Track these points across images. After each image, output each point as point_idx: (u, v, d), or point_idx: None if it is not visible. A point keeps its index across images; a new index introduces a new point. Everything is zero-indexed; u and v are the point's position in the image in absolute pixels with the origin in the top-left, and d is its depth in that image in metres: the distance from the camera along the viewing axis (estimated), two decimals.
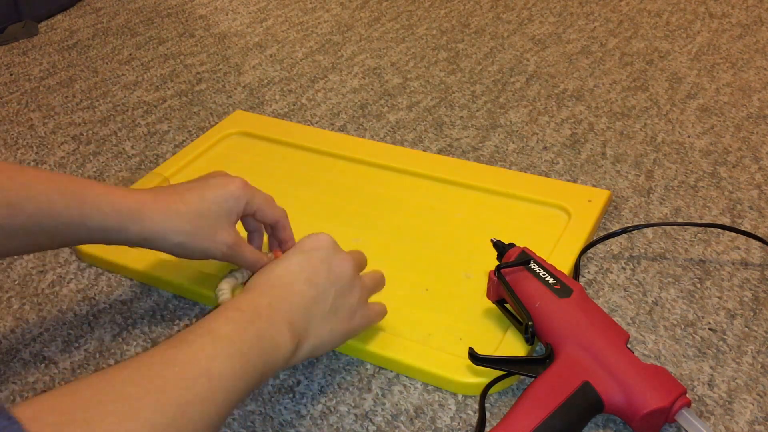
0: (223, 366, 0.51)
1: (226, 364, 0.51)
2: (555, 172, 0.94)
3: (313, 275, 0.62)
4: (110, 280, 0.80)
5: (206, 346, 0.52)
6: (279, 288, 0.60)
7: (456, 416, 0.64)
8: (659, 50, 1.21)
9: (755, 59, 1.17)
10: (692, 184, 0.90)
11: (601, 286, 0.77)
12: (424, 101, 1.11)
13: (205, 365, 0.50)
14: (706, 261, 0.79)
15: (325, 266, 0.63)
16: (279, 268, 0.62)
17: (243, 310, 0.56)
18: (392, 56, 1.24)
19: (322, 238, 0.65)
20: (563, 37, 1.28)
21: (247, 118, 1.05)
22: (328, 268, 0.63)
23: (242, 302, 0.58)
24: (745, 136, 0.99)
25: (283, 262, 0.63)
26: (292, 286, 0.61)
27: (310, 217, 0.86)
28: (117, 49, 1.30)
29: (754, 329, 0.71)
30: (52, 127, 1.08)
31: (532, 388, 0.60)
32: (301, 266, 0.62)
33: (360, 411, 0.65)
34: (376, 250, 0.80)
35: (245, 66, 1.23)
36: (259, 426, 0.64)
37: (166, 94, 1.15)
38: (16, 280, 0.81)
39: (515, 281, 0.68)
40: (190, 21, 1.40)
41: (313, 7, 1.43)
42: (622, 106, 1.07)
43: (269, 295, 0.59)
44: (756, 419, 0.63)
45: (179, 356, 0.50)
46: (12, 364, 0.71)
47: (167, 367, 0.49)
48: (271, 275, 0.62)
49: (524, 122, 1.04)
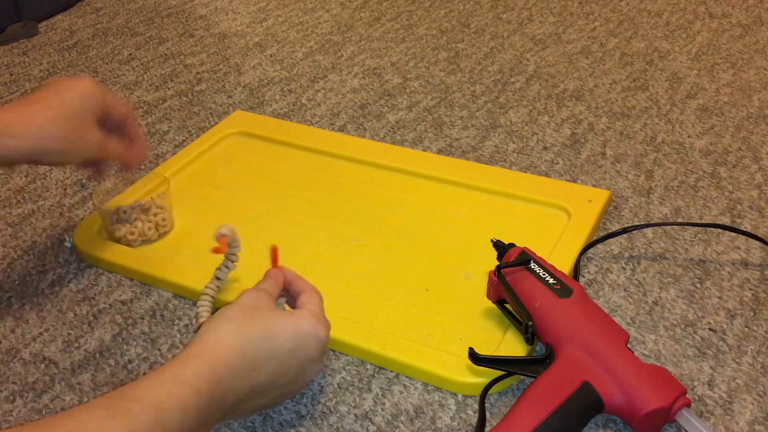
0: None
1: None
2: (555, 172, 0.94)
3: (281, 375, 0.58)
4: (110, 280, 0.80)
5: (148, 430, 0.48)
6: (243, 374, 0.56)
7: (456, 416, 0.64)
8: (659, 50, 1.21)
9: (755, 59, 1.17)
10: (692, 184, 0.90)
11: (601, 286, 0.77)
12: (424, 101, 1.11)
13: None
14: (706, 261, 0.79)
15: (299, 370, 0.60)
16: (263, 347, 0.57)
17: (200, 396, 0.52)
18: (392, 56, 1.24)
19: (320, 336, 0.60)
20: (563, 37, 1.28)
21: (247, 118, 1.05)
22: (298, 373, 0.60)
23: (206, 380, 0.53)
24: (745, 136, 0.99)
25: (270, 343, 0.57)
26: (256, 378, 0.57)
27: (310, 217, 0.86)
28: (117, 49, 1.30)
29: (754, 329, 0.71)
30: None
31: (532, 388, 0.60)
32: (280, 360, 0.58)
33: (360, 411, 0.65)
34: (376, 250, 0.81)
35: (245, 66, 1.23)
36: (259, 426, 0.64)
37: (166, 94, 1.15)
38: (16, 280, 0.81)
39: (515, 281, 0.68)
40: (190, 21, 1.40)
41: (313, 7, 1.43)
42: (622, 106, 1.07)
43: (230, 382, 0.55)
44: (756, 419, 0.63)
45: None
46: (12, 364, 0.71)
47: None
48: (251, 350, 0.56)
49: (524, 122, 1.04)
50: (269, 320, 0.58)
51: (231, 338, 0.56)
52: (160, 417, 0.49)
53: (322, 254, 0.80)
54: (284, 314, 0.60)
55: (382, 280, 0.77)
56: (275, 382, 0.58)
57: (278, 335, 0.58)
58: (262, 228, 0.85)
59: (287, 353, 0.58)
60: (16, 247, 0.85)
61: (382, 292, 0.75)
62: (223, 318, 0.58)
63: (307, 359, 0.60)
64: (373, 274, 0.78)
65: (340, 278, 0.77)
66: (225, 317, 0.58)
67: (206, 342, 0.56)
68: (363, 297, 0.75)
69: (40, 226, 0.88)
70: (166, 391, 0.51)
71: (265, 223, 0.85)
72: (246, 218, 0.86)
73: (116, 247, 0.82)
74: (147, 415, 0.48)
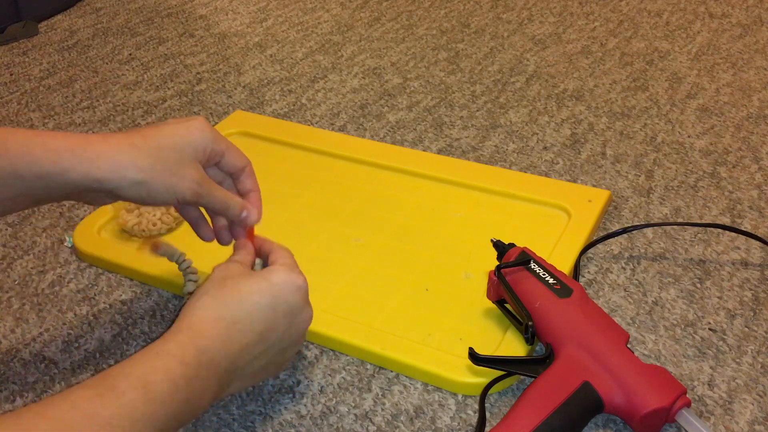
0: (146, 430, 0.48)
1: (149, 428, 0.48)
2: (555, 172, 0.94)
3: (270, 331, 0.58)
4: (110, 280, 0.80)
5: (137, 405, 0.48)
6: (229, 338, 0.56)
7: (456, 416, 0.64)
8: (659, 50, 1.21)
9: (755, 59, 1.17)
10: (692, 184, 0.90)
11: (601, 286, 0.77)
12: (424, 101, 1.11)
13: (130, 430, 0.47)
14: (706, 261, 0.79)
15: (287, 322, 0.59)
16: (241, 308, 0.57)
17: (187, 365, 0.52)
18: (392, 56, 1.24)
19: (298, 284, 0.60)
20: (563, 37, 1.28)
21: (247, 118, 1.05)
22: (288, 325, 0.59)
23: (190, 351, 0.52)
24: (745, 136, 0.99)
25: (248, 303, 0.57)
26: (243, 338, 0.56)
27: (310, 217, 0.86)
28: (117, 49, 1.30)
29: (754, 329, 0.71)
30: (52, 127, 1.08)
31: (532, 388, 0.60)
32: (262, 316, 0.57)
33: (360, 411, 0.65)
34: (376, 250, 0.81)
35: (245, 66, 1.23)
36: (259, 426, 0.64)
37: (166, 94, 1.15)
38: (16, 280, 0.81)
39: (515, 281, 0.68)
40: (190, 21, 1.40)
41: (313, 7, 1.43)
42: (622, 106, 1.07)
43: (216, 348, 0.54)
44: (756, 419, 0.63)
45: (105, 412, 0.46)
46: (12, 364, 0.71)
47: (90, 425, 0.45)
48: (229, 315, 0.56)
49: (524, 122, 1.04)
50: (241, 283, 0.58)
51: (207, 310, 0.56)
52: (148, 390, 0.49)
53: (322, 254, 0.80)
54: (255, 274, 0.60)
55: (382, 280, 0.77)
56: (267, 338, 0.58)
57: (253, 294, 0.58)
58: (262, 228, 0.84)
59: (268, 308, 0.58)
60: (16, 247, 0.85)
61: (382, 292, 0.75)
62: (197, 295, 0.58)
63: (291, 309, 0.59)
64: (373, 274, 0.78)
65: (340, 278, 0.77)
66: (198, 294, 0.58)
67: (183, 319, 0.56)
68: (363, 297, 0.75)
69: (40, 226, 0.88)
70: (150, 366, 0.50)
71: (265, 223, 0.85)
72: None
73: (116, 247, 0.82)
74: (134, 390, 0.48)
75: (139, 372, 0.50)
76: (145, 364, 0.51)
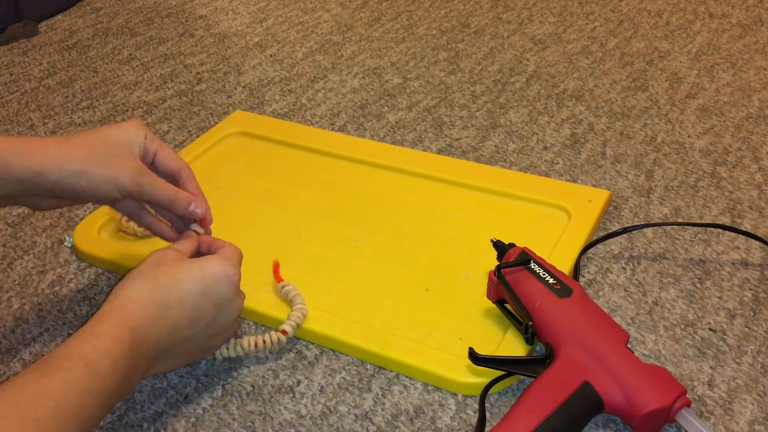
0: (92, 404, 0.51)
1: (94, 402, 0.51)
2: (555, 172, 0.94)
3: (199, 317, 0.61)
4: (110, 280, 0.80)
5: (82, 380, 0.51)
6: (159, 320, 0.58)
7: (456, 416, 0.64)
8: (659, 50, 1.21)
9: (755, 59, 1.17)
10: (692, 184, 0.90)
11: (601, 286, 0.77)
12: (424, 101, 1.11)
13: (78, 403, 0.50)
14: (706, 261, 0.79)
15: (216, 310, 0.62)
16: (172, 294, 0.59)
17: (123, 343, 0.54)
18: (392, 56, 1.24)
19: (230, 275, 0.62)
20: (563, 37, 1.28)
21: (247, 118, 1.05)
22: (217, 314, 0.62)
23: (124, 330, 0.55)
24: (745, 136, 0.99)
25: (179, 288, 0.59)
26: (175, 323, 0.59)
27: (310, 217, 0.86)
28: (117, 49, 1.30)
29: (754, 329, 0.71)
30: (52, 127, 1.08)
31: (532, 388, 0.60)
32: (193, 302, 0.60)
33: (360, 411, 0.65)
34: (376, 250, 0.81)
35: (245, 66, 1.23)
36: (259, 426, 0.64)
37: (166, 94, 1.15)
38: (16, 280, 0.81)
39: (515, 281, 0.68)
40: (190, 21, 1.40)
41: (313, 7, 1.43)
42: (622, 106, 1.07)
43: (147, 328, 0.57)
44: (756, 419, 0.63)
45: (53, 388, 0.49)
46: (12, 364, 0.71)
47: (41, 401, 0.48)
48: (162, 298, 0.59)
49: (524, 122, 1.04)
50: (175, 269, 0.61)
51: (139, 292, 0.58)
52: (91, 368, 0.51)
53: (322, 254, 0.80)
54: (191, 261, 0.62)
55: (382, 280, 0.77)
56: (196, 324, 0.61)
57: (185, 280, 0.60)
58: (262, 228, 0.85)
59: (198, 295, 0.60)
60: (16, 247, 0.85)
61: (382, 292, 0.75)
62: (130, 278, 0.60)
63: (221, 299, 0.62)
64: (373, 274, 0.78)
65: (340, 278, 0.77)
66: (131, 277, 0.60)
67: (116, 300, 0.58)
68: (363, 297, 0.75)
69: (40, 226, 0.88)
70: (89, 345, 0.53)
71: (265, 223, 0.85)
72: (246, 218, 0.86)
73: (116, 247, 0.82)
74: (78, 368, 0.51)
75: (80, 351, 0.52)
76: (85, 344, 0.53)
